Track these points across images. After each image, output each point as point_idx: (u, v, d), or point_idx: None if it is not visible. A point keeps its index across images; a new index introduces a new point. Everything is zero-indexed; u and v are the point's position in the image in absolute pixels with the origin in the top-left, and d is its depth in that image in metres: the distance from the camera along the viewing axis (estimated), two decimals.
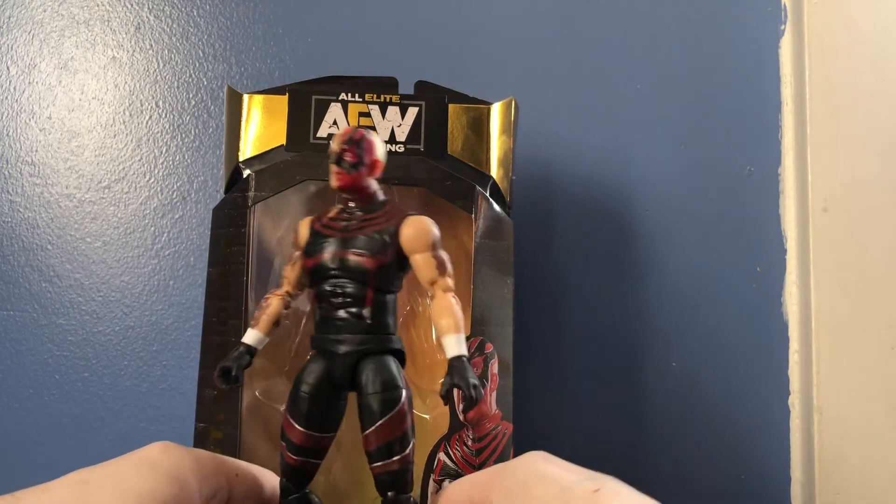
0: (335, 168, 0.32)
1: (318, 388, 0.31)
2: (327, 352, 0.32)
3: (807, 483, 0.55)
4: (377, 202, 0.34)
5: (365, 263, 0.32)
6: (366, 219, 0.33)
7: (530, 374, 0.54)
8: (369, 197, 0.33)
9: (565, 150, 0.58)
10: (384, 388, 0.31)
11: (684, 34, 0.59)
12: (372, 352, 0.32)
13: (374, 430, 0.30)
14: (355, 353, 0.31)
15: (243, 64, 0.57)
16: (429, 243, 0.32)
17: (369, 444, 0.31)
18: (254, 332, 0.33)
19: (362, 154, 0.33)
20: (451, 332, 0.31)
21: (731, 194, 0.58)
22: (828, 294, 0.55)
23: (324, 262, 0.32)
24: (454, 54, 0.58)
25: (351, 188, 0.33)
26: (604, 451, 0.55)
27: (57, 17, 0.57)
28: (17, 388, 0.54)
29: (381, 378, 0.31)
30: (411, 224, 0.33)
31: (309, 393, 0.31)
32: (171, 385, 0.54)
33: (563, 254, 0.57)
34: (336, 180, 0.32)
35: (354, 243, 0.32)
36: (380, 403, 0.31)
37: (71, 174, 0.56)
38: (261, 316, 0.33)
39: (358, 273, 0.32)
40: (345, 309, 0.32)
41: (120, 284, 0.55)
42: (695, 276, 0.57)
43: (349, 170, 0.32)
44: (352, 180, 0.32)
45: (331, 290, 0.32)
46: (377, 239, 0.32)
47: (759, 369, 0.57)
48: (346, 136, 0.33)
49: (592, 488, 0.25)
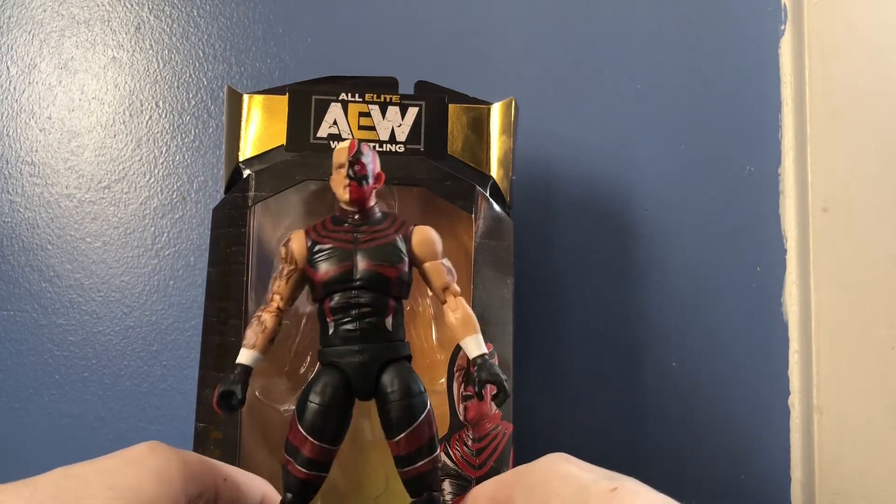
0: (347, 181, 0.32)
1: (336, 401, 0.31)
2: (346, 363, 0.32)
3: (807, 483, 0.55)
4: (377, 213, 0.34)
5: (388, 273, 0.32)
6: (375, 230, 0.33)
7: (530, 374, 0.54)
8: (371, 209, 0.34)
9: (565, 150, 0.58)
10: (412, 393, 0.31)
11: (684, 34, 0.59)
12: (393, 359, 0.32)
13: (406, 436, 0.31)
14: (378, 361, 0.32)
15: (243, 64, 0.57)
16: (438, 251, 0.34)
17: (400, 450, 0.31)
18: (251, 352, 0.32)
19: (370, 167, 0.33)
20: (472, 334, 0.33)
21: (731, 194, 0.58)
22: (828, 294, 0.55)
23: (340, 275, 0.32)
24: (454, 54, 0.58)
25: (360, 200, 0.33)
26: (604, 451, 0.55)
27: (57, 17, 0.57)
28: (17, 388, 0.54)
29: (408, 384, 0.31)
30: (420, 233, 0.34)
31: (327, 405, 0.31)
32: (171, 385, 0.54)
33: (563, 254, 0.57)
34: (350, 193, 0.33)
35: (374, 254, 0.32)
36: (409, 409, 0.31)
37: (71, 174, 0.56)
38: (258, 335, 0.33)
39: (380, 283, 0.32)
40: (365, 319, 0.32)
41: (120, 284, 0.55)
42: (695, 276, 0.57)
43: (361, 183, 0.33)
44: (364, 193, 0.33)
45: (347, 301, 0.32)
46: (394, 249, 0.33)
47: (759, 369, 0.57)
48: (354, 149, 0.33)
49: (610, 487, 0.25)
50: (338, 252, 0.32)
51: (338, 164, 0.33)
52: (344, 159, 0.33)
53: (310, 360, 0.43)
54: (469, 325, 0.33)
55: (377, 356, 0.32)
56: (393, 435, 0.31)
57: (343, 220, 0.34)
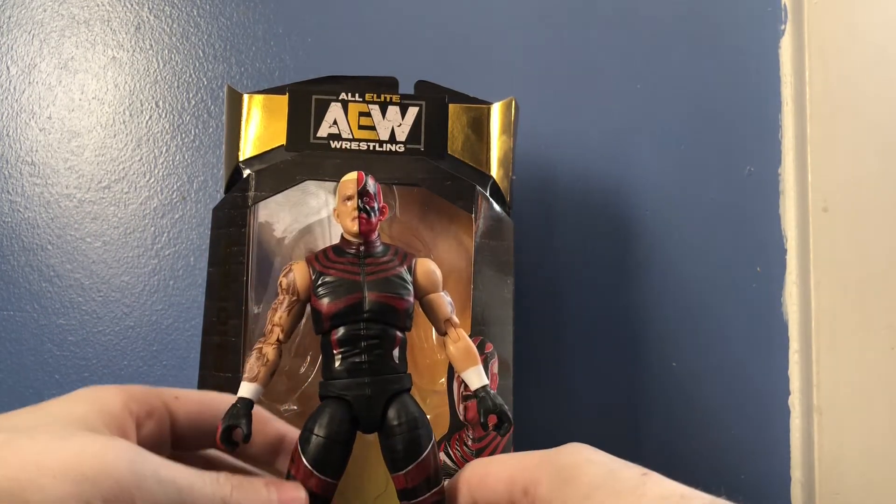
0: (357, 213, 0.32)
1: (343, 436, 0.31)
2: (354, 396, 0.31)
3: (807, 483, 0.55)
4: (379, 245, 0.34)
5: (398, 305, 0.32)
6: (381, 262, 0.33)
7: (530, 374, 0.54)
8: (376, 240, 0.34)
9: (565, 150, 0.58)
10: (418, 425, 0.31)
11: (684, 34, 0.59)
12: (398, 391, 0.32)
13: (413, 469, 0.31)
14: (385, 394, 0.31)
15: (243, 64, 0.57)
16: (440, 283, 0.34)
17: (408, 483, 0.31)
18: (253, 385, 0.31)
19: (376, 198, 0.33)
20: (473, 366, 0.33)
21: (731, 194, 0.58)
22: (828, 294, 0.55)
23: (350, 307, 0.31)
24: (454, 54, 0.58)
25: (368, 232, 0.33)
26: (604, 451, 0.55)
27: (57, 17, 0.57)
28: (17, 388, 0.54)
29: (414, 416, 0.31)
30: (424, 265, 0.34)
31: (333, 439, 0.31)
32: (170, 385, 0.54)
33: (563, 254, 0.57)
34: (360, 225, 0.32)
35: (384, 286, 0.32)
36: (416, 441, 0.31)
37: (71, 174, 0.56)
38: (260, 369, 0.32)
39: (389, 315, 0.32)
40: (373, 352, 0.31)
41: (120, 284, 0.55)
42: (695, 276, 0.57)
43: (370, 215, 0.33)
44: (372, 226, 0.33)
45: (355, 333, 0.31)
46: (401, 281, 0.33)
47: (759, 369, 0.57)
48: (362, 182, 0.33)
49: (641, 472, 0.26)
50: (346, 283, 0.32)
51: (345, 196, 0.33)
52: (352, 191, 0.32)
53: (310, 359, 0.43)
54: (470, 357, 0.33)
55: (385, 389, 0.31)
56: (399, 468, 0.31)
57: (346, 252, 0.33)
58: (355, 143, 0.42)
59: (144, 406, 0.29)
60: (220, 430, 0.30)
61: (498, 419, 0.32)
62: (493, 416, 0.32)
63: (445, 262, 0.43)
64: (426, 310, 0.34)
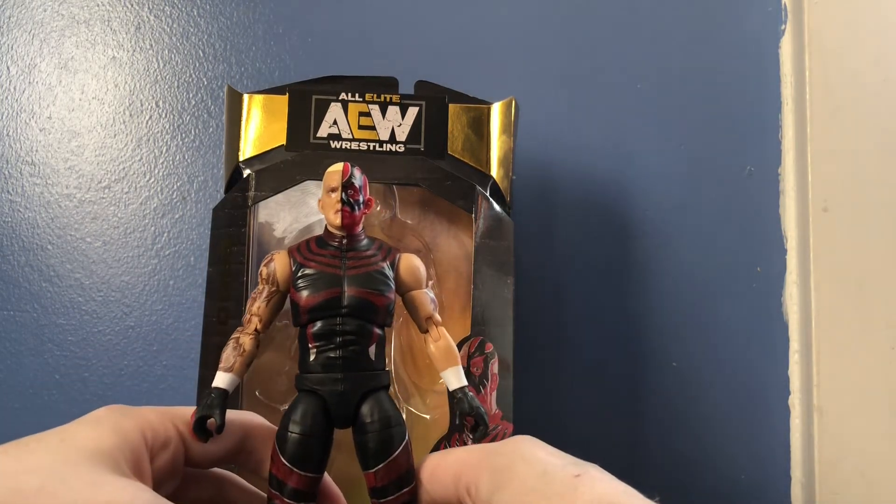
0: (340, 206, 0.32)
1: (317, 429, 0.31)
2: (327, 391, 0.31)
3: (807, 483, 0.55)
4: (364, 238, 0.33)
5: (377, 301, 0.32)
6: (363, 256, 0.32)
7: (530, 374, 0.54)
8: (359, 233, 0.33)
9: (565, 150, 0.58)
10: (391, 423, 0.31)
11: (684, 34, 0.59)
12: (373, 388, 0.32)
13: (385, 467, 0.30)
14: (359, 391, 0.31)
15: (243, 64, 0.57)
16: (423, 280, 0.34)
17: (378, 481, 0.31)
18: (228, 375, 0.31)
19: (362, 191, 0.33)
20: (453, 366, 0.33)
21: (731, 194, 0.58)
22: (828, 294, 0.55)
23: (327, 301, 0.31)
24: (454, 54, 0.58)
25: (351, 226, 0.32)
26: (604, 451, 0.54)
27: (57, 17, 0.57)
28: (17, 388, 0.54)
29: (388, 414, 0.31)
30: (407, 261, 0.33)
31: (307, 434, 0.30)
32: (171, 385, 0.54)
33: (563, 254, 0.57)
34: (343, 218, 0.32)
35: (364, 281, 0.32)
36: (388, 440, 0.31)
37: (71, 174, 0.56)
38: (236, 359, 0.31)
39: (368, 311, 0.31)
40: (348, 347, 0.31)
41: (120, 284, 0.55)
42: (695, 276, 0.57)
43: (354, 208, 0.32)
44: (355, 219, 0.32)
45: (331, 328, 0.31)
46: (382, 276, 0.32)
47: (759, 369, 0.57)
48: (347, 173, 0.32)
49: (574, 473, 0.26)
50: (325, 277, 0.32)
51: (329, 187, 0.32)
52: (336, 183, 0.32)
53: None
54: (450, 357, 0.33)
55: (359, 385, 0.31)
56: (370, 466, 0.31)
57: (329, 244, 0.33)
58: (355, 144, 0.42)
59: (160, 437, 0.29)
60: (194, 420, 0.30)
61: (474, 421, 0.32)
62: (470, 419, 0.32)
63: (445, 262, 0.43)
64: (408, 306, 0.34)
